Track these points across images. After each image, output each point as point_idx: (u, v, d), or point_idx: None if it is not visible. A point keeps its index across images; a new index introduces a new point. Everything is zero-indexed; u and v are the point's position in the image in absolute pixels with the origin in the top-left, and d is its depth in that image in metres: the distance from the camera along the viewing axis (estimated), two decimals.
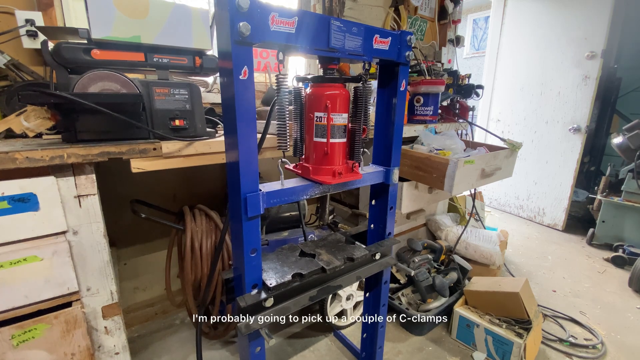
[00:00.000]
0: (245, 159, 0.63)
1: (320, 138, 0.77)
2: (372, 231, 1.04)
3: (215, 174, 1.66)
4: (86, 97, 0.77)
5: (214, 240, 1.17)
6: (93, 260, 0.83)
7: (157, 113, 0.92)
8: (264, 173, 1.74)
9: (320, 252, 0.85)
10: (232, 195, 0.69)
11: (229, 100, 0.60)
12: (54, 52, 0.82)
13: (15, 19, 1.14)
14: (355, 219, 1.78)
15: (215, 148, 0.96)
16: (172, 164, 0.90)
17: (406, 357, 1.37)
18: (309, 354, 1.38)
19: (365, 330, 1.16)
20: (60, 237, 0.77)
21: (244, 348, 0.76)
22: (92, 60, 0.85)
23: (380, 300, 1.07)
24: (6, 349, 0.73)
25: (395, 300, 1.53)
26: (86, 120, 0.83)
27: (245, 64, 0.58)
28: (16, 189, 0.70)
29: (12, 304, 0.73)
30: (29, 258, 0.73)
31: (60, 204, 0.75)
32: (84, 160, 0.76)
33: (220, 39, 0.59)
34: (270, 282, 0.72)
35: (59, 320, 0.77)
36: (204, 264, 1.14)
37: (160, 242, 1.59)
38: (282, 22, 0.61)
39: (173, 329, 1.53)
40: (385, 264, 0.96)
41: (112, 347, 0.89)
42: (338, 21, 0.68)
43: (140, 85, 0.89)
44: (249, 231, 0.67)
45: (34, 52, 1.21)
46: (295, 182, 0.78)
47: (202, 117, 1.01)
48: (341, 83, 0.77)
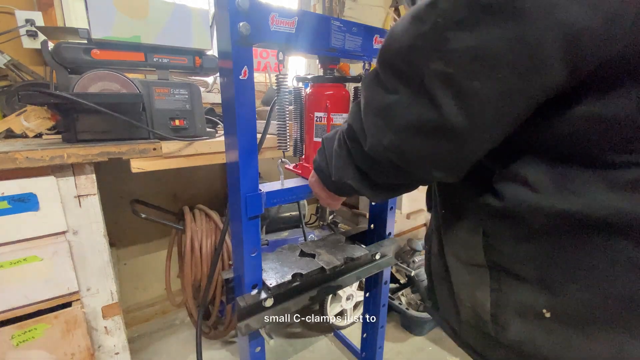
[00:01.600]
0: (245, 159, 0.63)
1: (320, 138, 0.77)
2: (372, 231, 1.04)
3: (215, 174, 1.66)
4: (86, 97, 0.78)
5: (214, 240, 1.17)
6: (93, 260, 0.83)
7: (157, 113, 0.92)
8: (264, 173, 1.74)
9: (320, 252, 0.85)
10: (232, 195, 0.69)
11: (229, 100, 0.60)
12: (54, 52, 0.82)
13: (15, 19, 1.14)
14: (355, 219, 1.78)
15: (215, 148, 0.96)
16: (172, 164, 0.90)
17: (406, 357, 1.37)
18: (309, 354, 1.38)
19: (365, 330, 1.16)
20: (60, 237, 0.77)
21: (244, 348, 0.76)
22: (92, 60, 0.85)
23: (380, 300, 1.07)
24: (6, 349, 0.73)
25: (395, 300, 1.53)
26: (86, 120, 0.83)
27: (245, 64, 0.58)
28: (16, 189, 0.70)
29: (12, 304, 0.73)
30: (29, 258, 0.73)
31: (60, 204, 0.75)
32: (84, 160, 0.76)
33: (220, 39, 0.59)
34: (270, 282, 0.72)
35: (59, 320, 0.77)
36: (204, 264, 1.14)
37: (160, 242, 1.59)
38: (282, 22, 0.61)
39: (173, 329, 1.53)
40: (385, 264, 0.96)
41: (112, 347, 0.89)
42: (338, 21, 0.68)
43: (140, 85, 0.89)
44: (249, 231, 0.67)
45: (34, 52, 1.21)
46: (295, 182, 0.78)
47: (202, 117, 1.01)
48: (341, 83, 0.77)
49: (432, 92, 0.30)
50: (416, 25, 0.30)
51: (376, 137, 0.38)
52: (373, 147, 0.39)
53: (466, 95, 0.29)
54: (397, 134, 0.35)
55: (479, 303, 0.41)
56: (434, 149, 0.34)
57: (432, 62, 0.30)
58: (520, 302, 0.37)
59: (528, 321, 0.37)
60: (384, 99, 0.36)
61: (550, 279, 0.35)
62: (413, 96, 0.33)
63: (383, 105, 0.36)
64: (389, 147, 0.37)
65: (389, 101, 0.35)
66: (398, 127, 0.35)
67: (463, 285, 0.44)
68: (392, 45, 0.34)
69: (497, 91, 0.28)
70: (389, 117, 0.36)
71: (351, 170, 0.47)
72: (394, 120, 0.35)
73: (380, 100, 0.37)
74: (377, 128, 0.37)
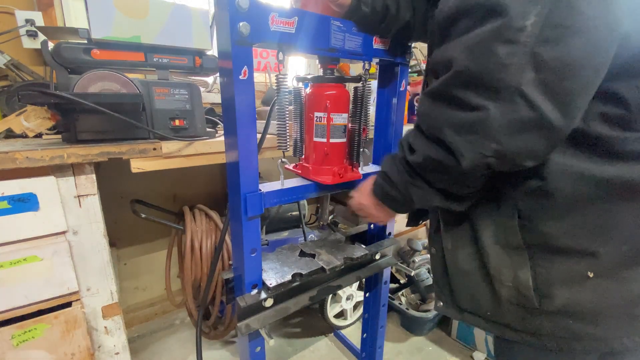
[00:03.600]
0: (245, 159, 0.63)
1: (320, 138, 0.77)
2: (372, 231, 1.04)
3: (215, 174, 1.66)
4: (86, 97, 0.77)
5: (214, 240, 1.17)
6: (93, 260, 0.83)
7: (157, 113, 0.92)
8: (264, 173, 1.74)
9: (320, 252, 0.85)
10: (232, 195, 0.69)
11: (229, 100, 0.60)
12: (54, 52, 0.82)
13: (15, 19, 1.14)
14: (355, 218, 1.78)
15: (215, 148, 0.96)
16: (172, 164, 0.90)
17: (406, 357, 1.37)
18: (309, 354, 1.38)
19: (365, 330, 1.16)
20: (60, 237, 0.77)
21: (244, 348, 0.76)
22: (92, 60, 0.85)
23: (380, 300, 1.07)
24: (6, 349, 0.73)
25: (395, 300, 1.53)
26: (86, 120, 0.83)
27: (245, 64, 0.58)
28: (16, 189, 0.70)
29: (12, 304, 0.73)
30: (29, 258, 0.73)
31: (60, 204, 0.75)
32: (84, 160, 0.76)
33: (220, 39, 0.59)
34: (270, 282, 0.72)
35: (59, 320, 0.77)
36: (204, 264, 1.14)
37: (160, 242, 1.59)
38: (282, 22, 0.61)
39: (173, 329, 1.53)
40: (385, 264, 0.96)
41: (112, 347, 0.89)
42: (338, 21, 0.68)
43: (140, 85, 0.89)
44: (249, 231, 0.67)
45: (34, 52, 1.21)
46: (295, 182, 0.78)
47: (202, 117, 1.01)
48: (341, 83, 0.77)
49: (530, 97, 0.37)
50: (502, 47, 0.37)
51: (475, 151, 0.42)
52: (474, 160, 0.43)
53: (559, 94, 0.37)
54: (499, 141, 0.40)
55: (521, 281, 0.48)
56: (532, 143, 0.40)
57: (526, 73, 0.37)
58: (564, 272, 0.45)
59: (573, 286, 0.45)
60: (467, 116, 0.41)
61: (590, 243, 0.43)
62: (508, 106, 0.39)
63: (470, 122, 0.41)
64: (493, 155, 0.42)
65: (476, 117, 0.40)
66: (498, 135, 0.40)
67: (504, 267, 0.50)
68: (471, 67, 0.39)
69: (582, 87, 0.37)
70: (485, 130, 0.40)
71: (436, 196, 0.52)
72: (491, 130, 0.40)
73: (463, 118, 0.42)
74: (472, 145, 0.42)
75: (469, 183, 0.48)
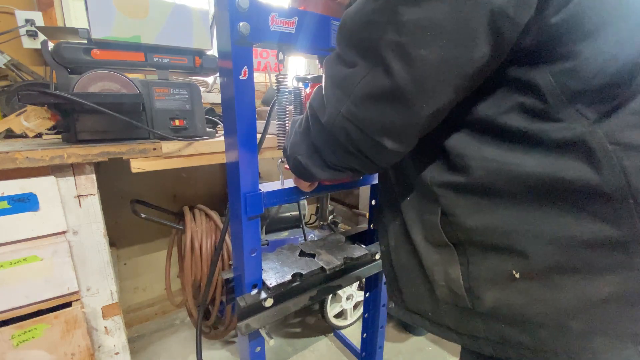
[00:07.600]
0: (245, 159, 0.63)
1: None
2: (372, 231, 1.03)
3: (215, 174, 1.66)
4: (86, 97, 0.77)
5: (214, 240, 1.17)
6: (93, 260, 0.83)
7: (157, 113, 0.92)
8: (264, 173, 1.74)
9: (320, 252, 0.85)
10: (232, 195, 0.69)
11: (228, 100, 0.60)
12: (54, 52, 0.82)
13: (15, 19, 1.14)
14: (355, 218, 1.78)
15: (215, 148, 0.96)
16: (172, 164, 0.90)
17: (406, 357, 1.37)
18: (309, 354, 1.38)
19: (365, 330, 1.16)
20: (60, 237, 0.77)
21: (244, 348, 0.76)
22: (92, 60, 0.85)
23: (380, 300, 1.07)
24: (6, 349, 0.73)
25: None
26: (86, 120, 0.83)
27: (245, 64, 0.58)
28: (16, 189, 0.70)
29: (12, 304, 0.73)
30: (29, 258, 0.73)
31: (60, 204, 0.75)
32: (84, 160, 0.76)
33: (220, 39, 0.59)
34: (270, 282, 0.72)
35: (59, 320, 0.77)
36: (204, 264, 1.14)
37: (160, 242, 1.59)
38: (282, 22, 0.61)
39: (173, 329, 1.53)
40: None
41: (112, 347, 0.89)
42: (338, 21, 0.67)
43: (140, 85, 0.89)
44: (249, 231, 0.67)
45: (34, 52, 1.21)
46: None
47: (202, 117, 1.01)
48: None
49: (387, 61, 0.34)
50: (370, 3, 0.35)
51: (335, 107, 0.40)
52: (331, 116, 0.41)
53: (414, 61, 0.33)
54: (355, 102, 0.38)
55: (452, 279, 0.44)
56: (386, 115, 0.37)
57: (386, 34, 0.34)
58: (491, 270, 0.40)
59: (500, 286, 0.40)
60: (342, 71, 0.40)
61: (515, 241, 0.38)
62: (370, 66, 0.36)
63: (342, 77, 0.40)
64: (347, 115, 0.39)
65: (347, 73, 0.39)
66: (355, 96, 0.38)
67: (435, 265, 0.46)
68: (348, 23, 0.38)
69: (439, 58, 0.33)
70: (347, 87, 0.39)
71: (304, 146, 0.50)
72: (352, 90, 0.38)
73: (339, 73, 0.40)
74: (336, 98, 0.40)
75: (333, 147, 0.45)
